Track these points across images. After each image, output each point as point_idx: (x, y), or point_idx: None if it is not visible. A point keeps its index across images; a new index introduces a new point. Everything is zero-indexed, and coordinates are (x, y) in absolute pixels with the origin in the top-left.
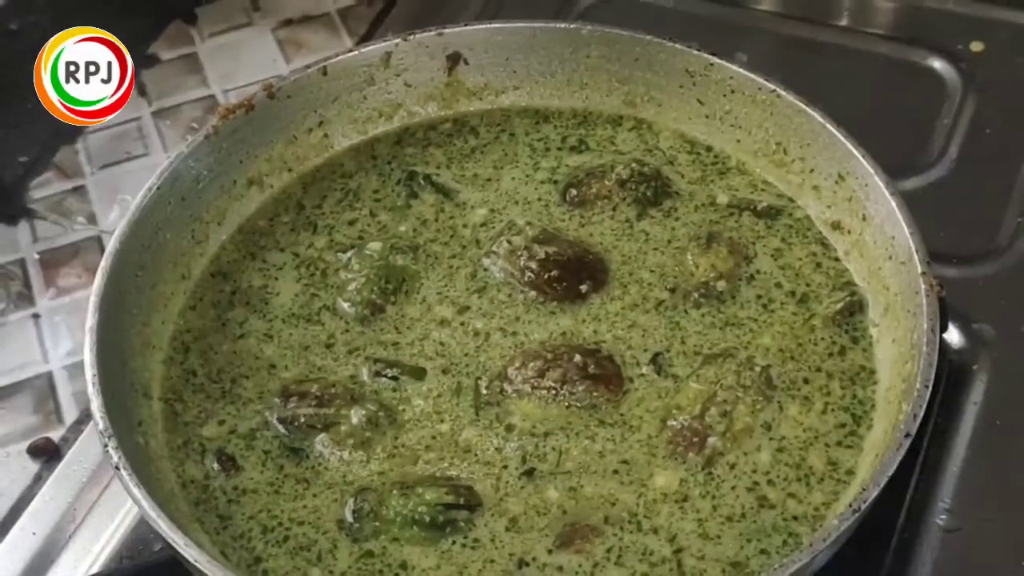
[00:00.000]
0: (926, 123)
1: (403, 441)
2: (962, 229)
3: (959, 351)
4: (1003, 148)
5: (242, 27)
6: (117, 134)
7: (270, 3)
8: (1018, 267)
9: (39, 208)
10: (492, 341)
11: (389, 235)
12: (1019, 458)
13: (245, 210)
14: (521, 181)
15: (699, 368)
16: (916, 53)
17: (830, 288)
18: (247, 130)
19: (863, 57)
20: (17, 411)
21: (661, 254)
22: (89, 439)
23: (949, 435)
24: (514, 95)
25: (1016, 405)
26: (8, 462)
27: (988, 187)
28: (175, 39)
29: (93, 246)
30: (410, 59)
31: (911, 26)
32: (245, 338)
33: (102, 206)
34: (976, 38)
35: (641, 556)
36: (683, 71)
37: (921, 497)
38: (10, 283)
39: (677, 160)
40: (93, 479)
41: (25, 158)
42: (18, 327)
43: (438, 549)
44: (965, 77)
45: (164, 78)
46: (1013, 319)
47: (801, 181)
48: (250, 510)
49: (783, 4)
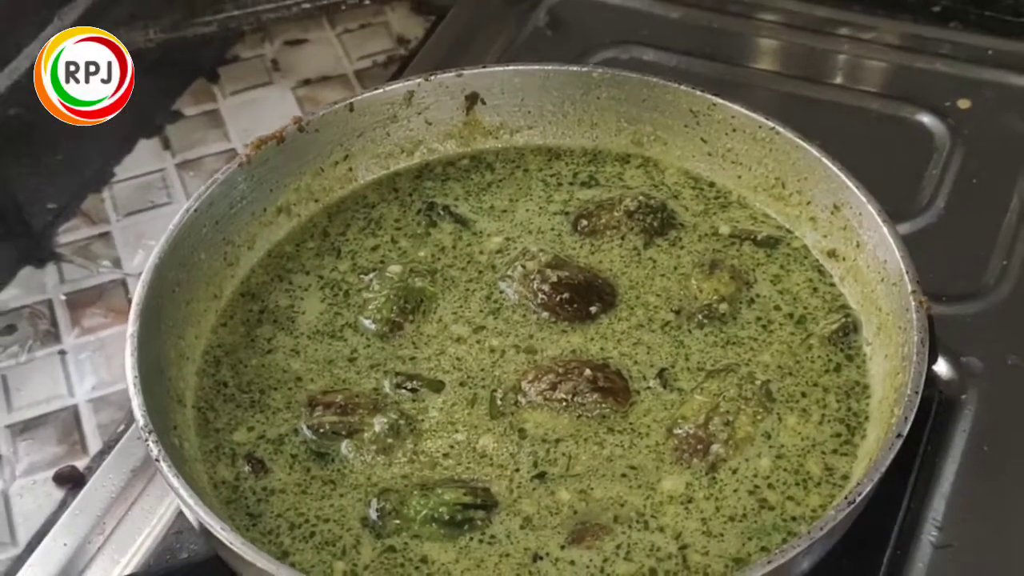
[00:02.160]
0: (916, 174)
1: (422, 447)
2: (951, 271)
3: (948, 382)
4: (988, 197)
5: (263, 86)
6: (142, 184)
7: (290, 64)
8: (1003, 305)
9: (66, 252)
10: (507, 357)
11: (409, 260)
12: (1006, 481)
13: (274, 236)
14: (535, 212)
15: (703, 382)
16: (907, 109)
17: (826, 311)
18: (277, 160)
19: (857, 113)
20: (43, 441)
21: (667, 279)
22: (115, 462)
23: (939, 459)
24: (528, 134)
25: (1002, 432)
26: (35, 489)
27: (974, 233)
28: (199, 96)
29: (118, 288)
30: (431, 98)
31: (902, 84)
32: (273, 353)
33: (127, 251)
34: (963, 96)
35: (648, 552)
36: (688, 111)
37: (913, 515)
38: (38, 322)
39: (681, 195)
40: (121, 496)
41: (54, 205)
42: (45, 363)
43: (457, 545)
44: (953, 132)
45: (187, 132)
46: (999, 353)
47: (798, 213)
48: (278, 508)
49: (781, 64)
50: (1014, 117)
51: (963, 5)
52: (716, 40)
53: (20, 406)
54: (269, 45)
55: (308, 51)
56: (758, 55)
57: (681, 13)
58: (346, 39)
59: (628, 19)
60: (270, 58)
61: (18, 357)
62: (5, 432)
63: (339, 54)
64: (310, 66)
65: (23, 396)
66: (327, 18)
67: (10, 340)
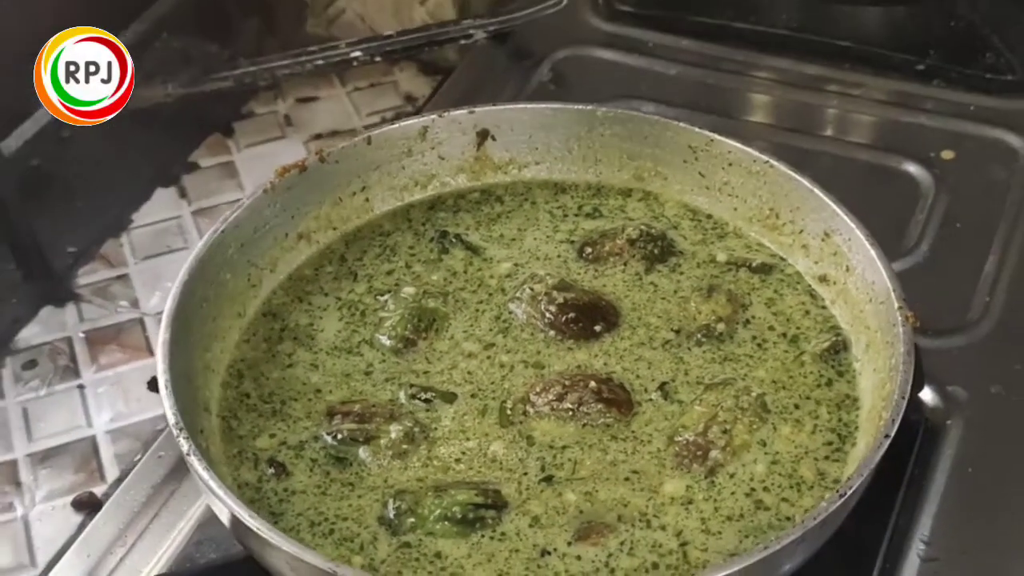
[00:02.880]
0: (904, 218)
1: (436, 453)
2: (937, 307)
3: (934, 410)
4: (971, 240)
5: (276, 140)
6: (159, 230)
7: (302, 119)
8: (986, 339)
9: (85, 293)
10: (516, 371)
11: (422, 283)
12: (989, 499)
13: (295, 260)
14: (542, 241)
15: (702, 394)
16: (894, 159)
17: (818, 331)
18: (300, 189)
19: (846, 162)
20: (62, 469)
21: (667, 302)
22: (135, 480)
23: (926, 479)
24: (535, 169)
25: (985, 455)
26: (53, 514)
27: (958, 273)
28: (214, 148)
29: (135, 327)
30: (444, 134)
31: (890, 137)
32: (293, 367)
33: (144, 292)
34: (947, 147)
35: (651, 548)
36: (686, 147)
37: (901, 531)
38: (58, 357)
39: (681, 225)
40: (141, 511)
41: (74, 249)
42: (64, 396)
43: (469, 541)
44: (938, 180)
45: (203, 182)
46: (982, 383)
47: (791, 242)
48: (299, 508)
49: (775, 117)
50: (995, 167)
51: (946, 64)
52: (712, 95)
53: (40, 436)
54: (282, 102)
55: (319, 107)
56: (752, 109)
57: (679, 70)
58: (356, 96)
59: (628, 75)
60: (283, 114)
61: (38, 391)
62: (26, 461)
63: (349, 110)
64: (321, 121)
65: (43, 427)
66: (338, 77)
67: (31, 374)
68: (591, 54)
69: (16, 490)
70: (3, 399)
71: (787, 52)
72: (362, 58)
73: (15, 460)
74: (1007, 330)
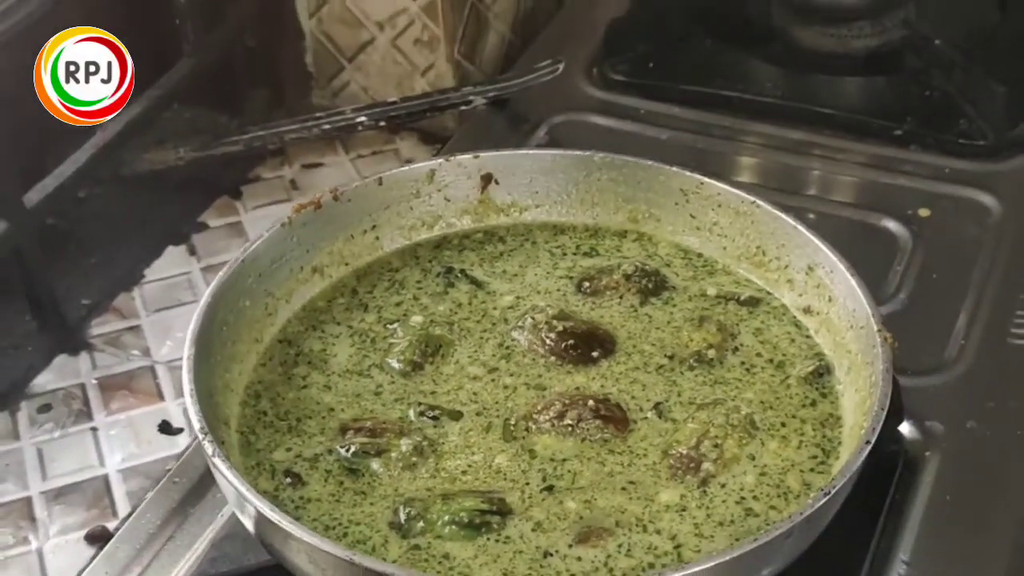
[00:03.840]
0: (883, 270)
1: (443, 465)
2: (915, 349)
3: (913, 442)
4: (946, 289)
5: (282, 202)
6: (170, 284)
7: (307, 184)
8: (962, 378)
9: (98, 343)
10: (518, 392)
11: (429, 313)
12: (966, 524)
13: (308, 292)
14: (542, 276)
15: (694, 413)
16: (874, 217)
17: (802, 357)
18: (315, 225)
19: (829, 219)
20: (75, 505)
21: (661, 331)
22: (150, 505)
23: (906, 506)
24: (536, 211)
25: (962, 484)
26: (67, 547)
27: (935, 318)
28: (223, 210)
29: (146, 374)
30: (450, 177)
31: (870, 196)
32: (307, 388)
33: (155, 342)
34: (924, 206)
35: (647, 550)
36: (678, 190)
37: (883, 553)
38: (71, 402)
39: (673, 263)
40: (157, 534)
41: (87, 301)
42: (78, 438)
43: (475, 544)
44: (915, 235)
45: (212, 241)
46: (958, 418)
47: (777, 277)
48: (314, 514)
49: (761, 177)
50: (968, 224)
51: (922, 130)
52: (701, 157)
53: (54, 475)
54: (288, 167)
55: (324, 172)
56: (739, 170)
57: (670, 135)
58: (359, 163)
59: (621, 139)
60: (289, 178)
61: (52, 433)
62: (40, 498)
63: (352, 175)
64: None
65: (57, 467)
66: (342, 144)
67: (46, 418)
68: (586, 119)
69: (31, 525)
70: (19, 440)
71: (773, 118)
72: (367, 123)
73: (30, 497)
74: (981, 370)
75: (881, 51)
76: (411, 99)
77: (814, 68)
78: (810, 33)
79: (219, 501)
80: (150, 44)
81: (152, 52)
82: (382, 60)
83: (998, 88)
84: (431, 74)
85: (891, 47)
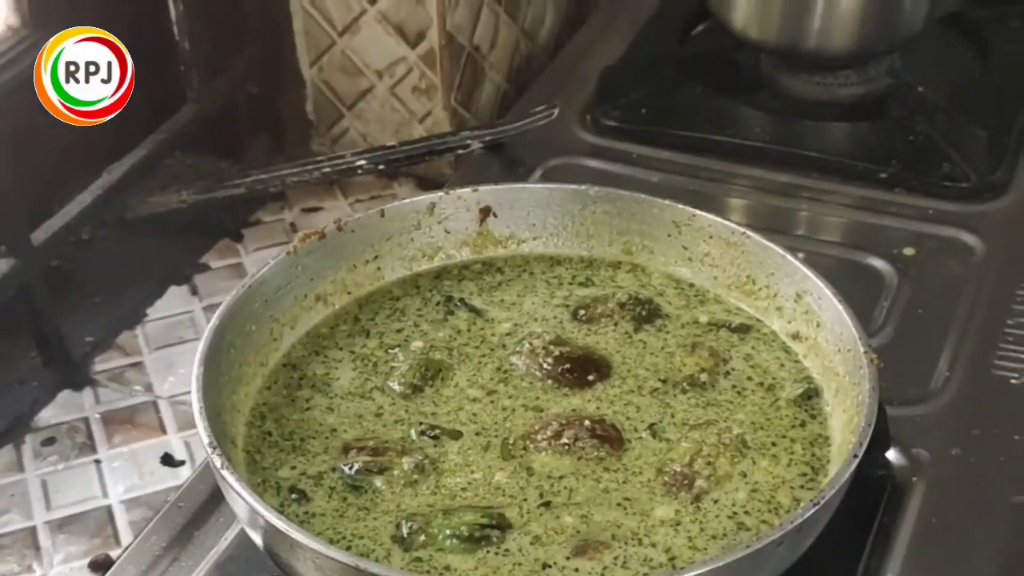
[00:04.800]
0: (869, 307)
1: (444, 482)
2: (902, 381)
3: (900, 469)
4: (931, 324)
5: (282, 244)
6: (172, 323)
7: (306, 227)
8: (947, 408)
9: (102, 379)
10: (516, 413)
11: (429, 338)
12: (951, 547)
13: (312, 319)
14: (539, 305)
15: (687, 433)
16: (860, 255)
17: (792, 380)
18: (319, 254)
19: (817, 257)
20: (79, 535)
21: (655, 357)
22: (153, 530)
23: (894, 528)
24: (532, 244)
25: (947, 507)
26: (71, 575)
27: (921, 351)
28: (224, 252)
29: (148, 408)
30: (450, 209)
31: (856, 236)
32: (311, 410)
33: (157, 378)
34: (909, 245)
35: (642, 562)
36: (671, 223)
37: (871, 573)
38: (75, 435)
39: (666, 293)
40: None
41: (92, 338)
42: (81, 470)
43: (475, 556)
44: (900, 273)
45: (213, 281)
46: (943, 446)
47: (767, 305)
48: (319, 528)
49: (750, 218)
50: (952, 262)
51: (907, 173)
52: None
53: (58, 506)
54: (288, 211)
55: (323, 216)
56: (729, 211)
57: (660, 177)
58: (357, 207)
59: (613, 182)
60: (289, 222)
61: (56, 465)
62: (44, 528)
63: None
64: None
65: (61, 497)
66: (340, 189)
67: (50, 450)
68: (580, 163)
69: (35, 554)
70: (23, 472)
71: (762, 162)
72: (366, 166)
73: (34, 527)
74: (965, 400)
75: (866, 98)
76: (410, 143)
77: (801, 114)
78: (797, 82)
79: (223, 524)
80: (155, 91)
81: (157, 99)
82: (381, 108)
83: (980, 132)
84: (428, 121)
85: (876, 95)
